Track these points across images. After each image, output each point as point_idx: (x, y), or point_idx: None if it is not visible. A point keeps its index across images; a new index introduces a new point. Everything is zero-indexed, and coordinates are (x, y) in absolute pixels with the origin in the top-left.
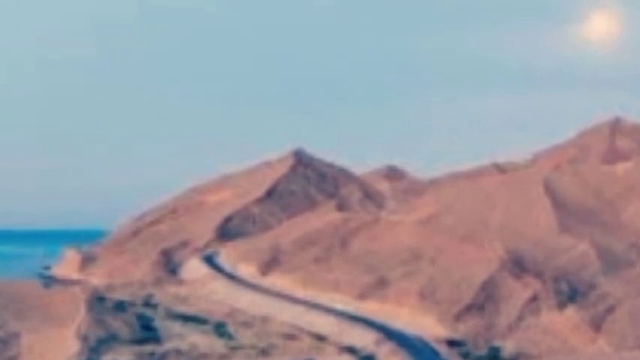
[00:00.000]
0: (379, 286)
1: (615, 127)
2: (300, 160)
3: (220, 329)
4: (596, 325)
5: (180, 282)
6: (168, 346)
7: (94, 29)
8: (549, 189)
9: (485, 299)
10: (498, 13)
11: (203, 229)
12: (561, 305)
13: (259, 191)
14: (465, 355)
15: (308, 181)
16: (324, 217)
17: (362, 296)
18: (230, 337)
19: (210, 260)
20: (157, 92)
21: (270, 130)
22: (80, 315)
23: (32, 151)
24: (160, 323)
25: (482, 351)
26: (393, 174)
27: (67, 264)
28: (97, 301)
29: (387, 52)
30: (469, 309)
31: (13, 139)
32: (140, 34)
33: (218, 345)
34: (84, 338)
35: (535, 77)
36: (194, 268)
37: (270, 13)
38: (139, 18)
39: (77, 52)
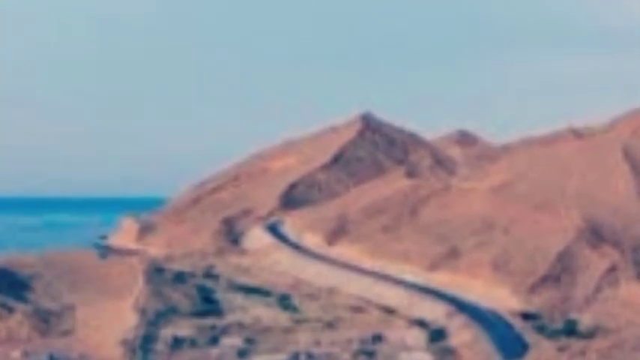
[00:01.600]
0: (450, 256)
1: None
2: (368, 125)
3: (284, 301)
4: None
5: (243, 252)
6: (230, 319)
7: None
8: (628, 155)
9: (561, 270)
10: None
11: (266, 197)
12: None
13: (325, 157)
14: (540, 328)
15: (376, 146)
16: (392, 185)
17: (433, 267)
18: (295, 309)
19: (274, 229)
20: (219, 53)
21: (337, 93)
22: (138, 287)
23: (88, 115)
24: (222, 295)
25: (558, 324)
26: (465, 139)
27: (124, 233)
28: (156, 272)
29: (459, 11)
30: (544, 280)
31: (66, 102)
32: None
33: (282, 318)
34: (142, 311)
35: (614, 37)
36: (257, 237)
37: None
38: None
39: (134, 11)
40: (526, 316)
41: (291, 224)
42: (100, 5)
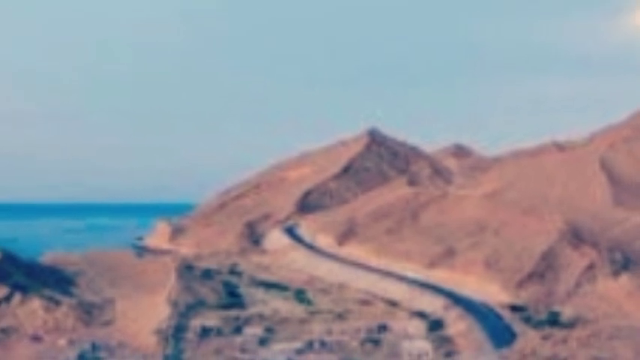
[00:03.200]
0: (447, 255)
1: None
2: (374, 139)
3: (300, 295)
4: None
5: (263, 252)
6: (252, 310)
7: (183, 18)
8: (605, 166)
9: (545, 268)
10: (556, 3)
11: (284, 203)
12: (616, 273)
13: (336, 168)
14: (527, 319)
15: (381, 158)
16: (396, 192)
17: (431, 265)
18: (309, 302)
19: (290, 231)
20: (241, 76)
21: (346, 110)
22: (170, 282)
23: (126, 130)
24: (245, 290)
25: (543, 316)
26: (460, 152)
27: (158, 235)
28: (186, 269)
29: (454, 38)
30: (530, 277)
31: (106, 119)
32: (225, 22)
33: (298, 310)
34: (174, 304)
35: (591, 62)
36: (276, 238)
37: (344, 1)
38: (224, 8)
39: (167, 39)
40: (514, 309)
41: (305, 227)
42: (137, 33)
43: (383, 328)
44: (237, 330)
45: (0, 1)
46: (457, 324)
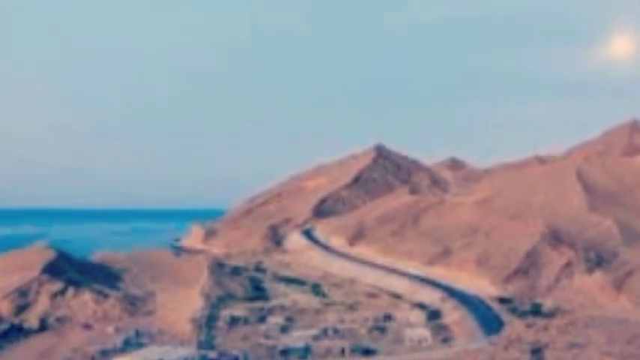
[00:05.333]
0: (444, 255)
1: (634, 127)
2: (381, 153)
3: (316, 289)
4: (618, 286)
5: (284, 251)
6: (274, 302)
7: (214, 46)
8: (581, 177)
9: (529, 265)
10: (539, 35)
11: (302, 209)
12: (590, 270)
13: (348, 178)
14: (513, 310)
15: (387, 170)
16: (399, 199)
17: (430, 263)
18: (324, 295)
19: (308, 234)
20: (264, 97)
21: (356, 128)
22: (204, 278)
23: (164, 144)
24: (268, 284)
25: (527, 307)
26: (455, 164)
27: (193, 237)
28: (218, 266)
29: (451, 65)
30: (516, 273)
31: (148, 134)
32: (251, 50)
33: (314, 302)
34: (206, 296)
35: (570, 87)
36: (295, 240)
37: (354, 33)
38: (250, 37)
39: (200, 65)
40: (502, 300)
41: (321, 230)
42: (173, 60)
43: (388, 317)
44: (262, 319)
45: (53, 34)
46: (452, 314)
